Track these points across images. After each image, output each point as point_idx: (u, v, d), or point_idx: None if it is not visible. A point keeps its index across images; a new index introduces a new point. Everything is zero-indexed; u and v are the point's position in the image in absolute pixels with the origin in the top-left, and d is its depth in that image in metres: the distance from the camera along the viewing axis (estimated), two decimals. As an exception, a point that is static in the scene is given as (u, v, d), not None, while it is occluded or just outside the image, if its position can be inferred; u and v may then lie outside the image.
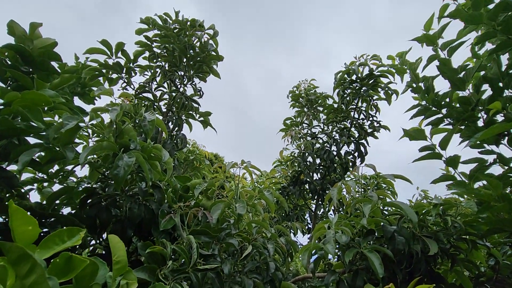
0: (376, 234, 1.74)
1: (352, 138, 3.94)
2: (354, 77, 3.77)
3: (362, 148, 3.89)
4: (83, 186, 1.67)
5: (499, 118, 1.57)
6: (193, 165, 5.68)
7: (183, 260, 1.28)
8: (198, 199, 1.78)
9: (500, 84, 1.58)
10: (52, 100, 1.30)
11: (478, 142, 1.54)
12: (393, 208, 1.81)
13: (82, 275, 0.80)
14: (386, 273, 1.55)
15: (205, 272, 1.26)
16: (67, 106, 1.48)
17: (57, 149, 1.44)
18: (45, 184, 2.19)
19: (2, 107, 1.31)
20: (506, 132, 1.49)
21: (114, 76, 3.01)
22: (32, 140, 1.52)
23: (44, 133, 1.36)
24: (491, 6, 1.55)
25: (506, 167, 1.51)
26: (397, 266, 1.63)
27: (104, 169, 1.67)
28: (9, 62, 1.65)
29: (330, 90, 4.02)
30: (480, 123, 1.68)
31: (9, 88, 1.63)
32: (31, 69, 1.71)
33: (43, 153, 1.54)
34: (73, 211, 1.83)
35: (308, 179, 3.84)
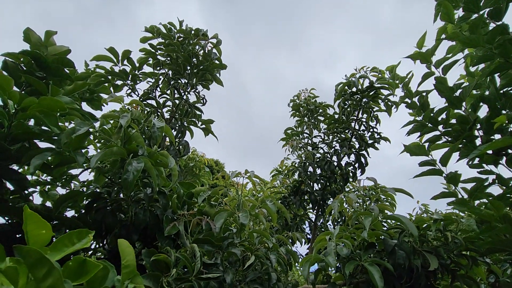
0: (377, 247, 1.76)
1: (352, 149, 3.98)
2: (354, 89, 3.84)
3: (362, 159, 3.93)
4: (89, 191, 1.69)
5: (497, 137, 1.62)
6: (193, 172, 5.71)
7: (186, 268, 1.29)
8: (201, 205, 1.80)
9: (498, 105, 1.63)
10: (67, 106, 1.34)
11: (476, 161, 1.58)
12: (394, 222, 1.83)
13: (94, 278, 0.81)
14: (386, 287, 1.56)
15: (208, 281, 1.27)
16: (79, 112, 1.52)
17: (67, 153, 1.48)
18: (48, 186, 2.22)
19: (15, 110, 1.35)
20: (504, 152, 1.53)
21: (119, 82, 3.07)
22: (41, 144, 1.56)
23: (55, 138, 1.39)
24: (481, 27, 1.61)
25: (504, 188, 1.54)
26: (397, 280, 1.65)
27: (110, 174, 1.70)
28: (25, 68, 1.71)
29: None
30: (478, 142, 1.72)
31: (23, 92, 1.68)
32: (45, 75, 1.76)
33: (51, 157, 1.57)
34: (76, 214, 1.85)
35: (308, 189, 3.86)
